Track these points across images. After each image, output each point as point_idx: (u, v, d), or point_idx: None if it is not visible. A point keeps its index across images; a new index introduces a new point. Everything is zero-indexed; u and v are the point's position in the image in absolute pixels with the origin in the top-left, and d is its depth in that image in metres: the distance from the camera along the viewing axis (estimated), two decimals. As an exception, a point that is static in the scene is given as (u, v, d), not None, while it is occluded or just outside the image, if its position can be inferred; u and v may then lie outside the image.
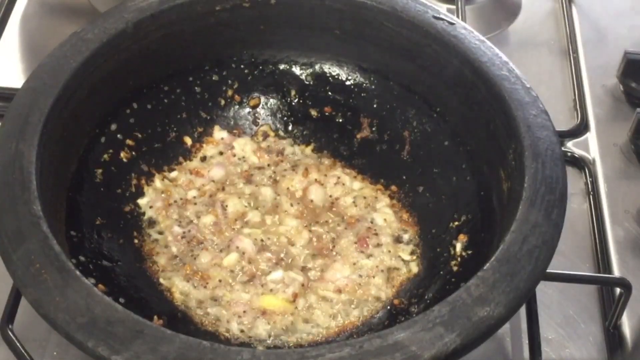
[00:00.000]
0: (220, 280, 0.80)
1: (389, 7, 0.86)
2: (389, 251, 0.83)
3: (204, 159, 0.90)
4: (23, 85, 0.77)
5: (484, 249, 0.76)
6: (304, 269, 0.81)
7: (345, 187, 0.88)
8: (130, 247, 0.81)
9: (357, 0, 0.87)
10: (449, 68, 0.84)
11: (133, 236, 0.82)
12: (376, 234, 0.84)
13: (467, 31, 0.84)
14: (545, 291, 0.82)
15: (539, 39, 1.13)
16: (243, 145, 0.91)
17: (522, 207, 0.69)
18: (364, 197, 0.87)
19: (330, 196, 0.87)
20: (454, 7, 1.09)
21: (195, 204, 0.86)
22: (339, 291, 0.80)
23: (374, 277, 0.81)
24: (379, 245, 0.84)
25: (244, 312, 0.77)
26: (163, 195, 0.86)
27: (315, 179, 0.88)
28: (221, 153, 0.90)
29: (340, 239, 0.84)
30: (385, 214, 0.86)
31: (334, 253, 0.83)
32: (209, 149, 0.91)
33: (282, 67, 0.93)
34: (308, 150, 0.92)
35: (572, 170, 0.95)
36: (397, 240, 0.84)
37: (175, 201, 0.86)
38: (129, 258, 0.80)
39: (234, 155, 0.91)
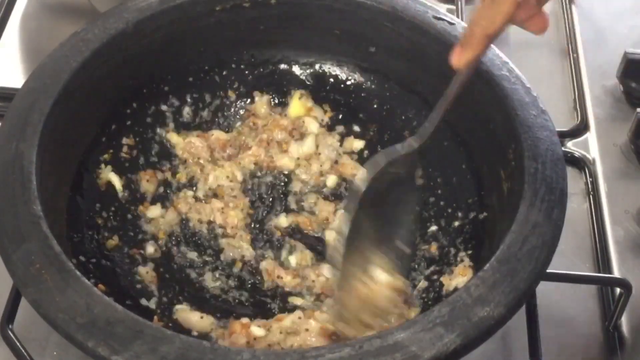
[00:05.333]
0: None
1: (389, 7, 0.86)
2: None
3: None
4: (23, 85, 0.77)
5: (483, 249, 0.76)
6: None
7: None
8: (130, 247, 0.81)
9: (357, 0, 0.87)
10: (449, 68, 0.84)
11: (134, 236, 0.82)
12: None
13: (467, 31, 0.84)
14: (545, 291, 0.82)
15: (539, 39, 1.12)
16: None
17: (522, 207, 0.69)
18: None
19: None
20: (454, 7, 1.09)
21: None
22: None
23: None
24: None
25: None
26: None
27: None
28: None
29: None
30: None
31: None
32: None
33: (282, 67, 0.93)
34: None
35: (572, 170, 0.95)
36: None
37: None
38: (130, 258, 0.80)
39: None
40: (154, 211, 0.84)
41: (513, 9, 0.63)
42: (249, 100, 0.92)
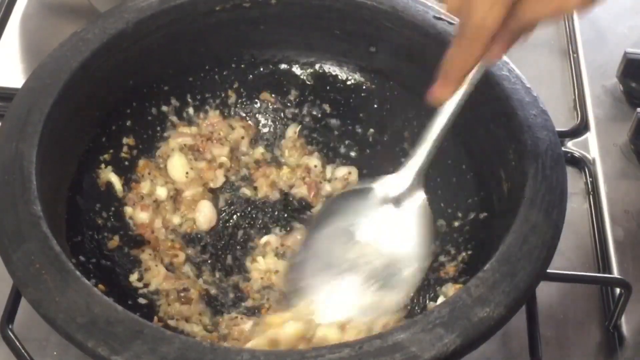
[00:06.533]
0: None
1: (389, 7, 0.86)
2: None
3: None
4: (23, 85, 0.77)
5: (483, 249, 0.76)
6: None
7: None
8: (130, 247, 0.81)
9: (357, 0, 0.87)
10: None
11: (134, 236, 0.82)
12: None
13: (467, 31, 0.84)
14: (545, 291, 0.82)
15: (539, 39, 1.13)
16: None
17: (522, 207, 0.69)
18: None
19: None
20: (454, 7, 1.09)
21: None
22: None
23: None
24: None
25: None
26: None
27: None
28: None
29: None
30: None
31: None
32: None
33: (282, 67, 0.93)
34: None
35: (572, 170, 0.95)
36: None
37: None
38: (130, 258, 0.80)
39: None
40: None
41: (484, 51, 0.64)
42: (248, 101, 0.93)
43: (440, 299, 0.75)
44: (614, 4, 1.19)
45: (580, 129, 1.00)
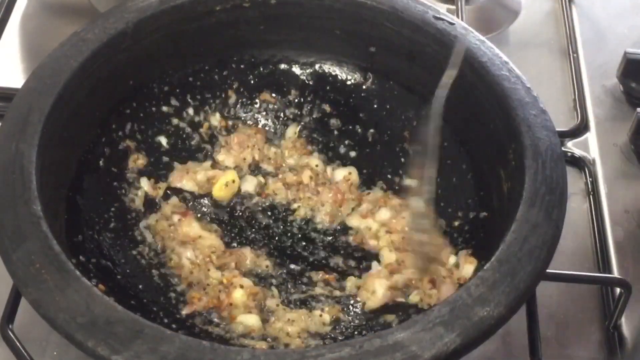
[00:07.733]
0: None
1: (389, 7, 0.86)
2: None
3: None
4: (23, 85, 0.77)
5: (484, 249, 0.76)
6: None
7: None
8: (131, 248, 0.81)
9: (357, 0, 0.87)
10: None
11: (134, 236, 0.82)
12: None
13: (467, 31, 0.84)
14: (545, 291, 0.82)
15: (539, 39, 1.13)
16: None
17: (522, 207, 0.69)
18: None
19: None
20: (454, 7, 1.09)
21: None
22: None
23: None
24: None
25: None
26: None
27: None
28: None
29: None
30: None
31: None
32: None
33: (282, 67, 0.93)
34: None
35: (572, 170, 0.95)
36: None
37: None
38: (130, 258, 0.80)
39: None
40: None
41: None
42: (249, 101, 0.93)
43: None
44: (614, 3, 1.19)
45: (580, 129, 1.00)
